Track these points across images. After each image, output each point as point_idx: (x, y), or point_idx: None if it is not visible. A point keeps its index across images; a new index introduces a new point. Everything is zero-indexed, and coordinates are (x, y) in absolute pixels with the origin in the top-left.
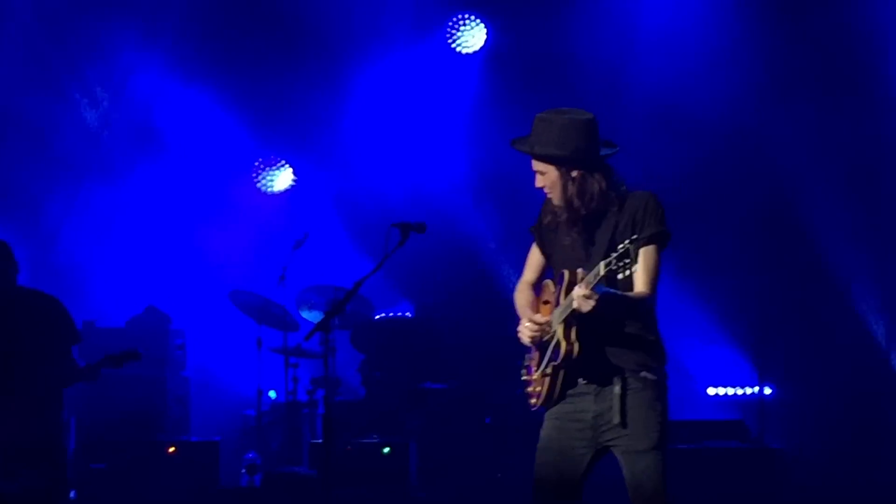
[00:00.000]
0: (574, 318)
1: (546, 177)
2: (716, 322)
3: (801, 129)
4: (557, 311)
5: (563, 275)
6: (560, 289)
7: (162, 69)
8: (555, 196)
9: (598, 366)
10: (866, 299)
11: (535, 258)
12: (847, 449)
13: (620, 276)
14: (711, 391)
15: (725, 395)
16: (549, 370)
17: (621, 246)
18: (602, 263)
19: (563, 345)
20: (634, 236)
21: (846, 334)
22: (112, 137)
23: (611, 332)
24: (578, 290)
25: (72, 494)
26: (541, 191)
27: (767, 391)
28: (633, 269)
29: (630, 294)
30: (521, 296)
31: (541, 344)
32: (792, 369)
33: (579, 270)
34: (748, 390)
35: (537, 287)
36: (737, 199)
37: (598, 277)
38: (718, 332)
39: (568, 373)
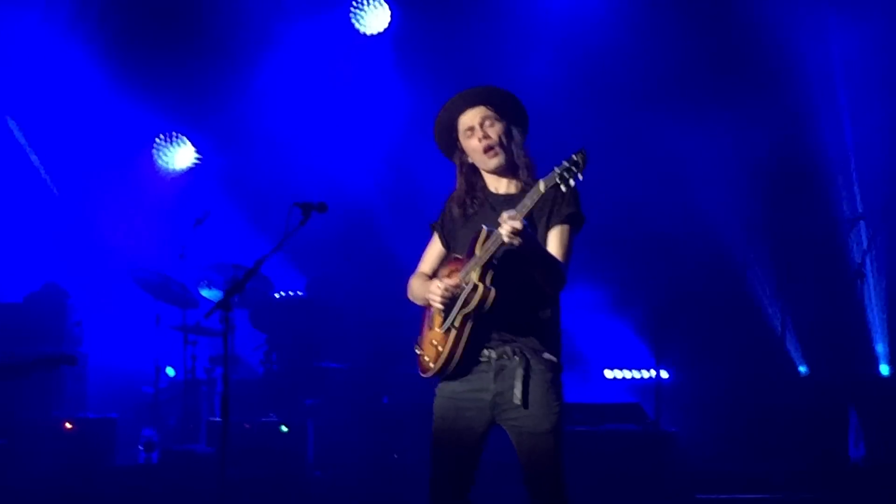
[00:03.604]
0: (491, 265)
1: (494, 128)
2: (613, 306)
3: (699, 117)
4: (472, 261)
5: (478, 231)
6: (475, 245)
7: (62, 44)
8: (500, 149)
9: (503, 336)
10: (762, 285)
11: (433, 252)
12: (742, 433)
13: (563, 187)
14: (609, 374)
15: (623, 378)
16: (456, 322)
17: (566, 161)
18: (541, 181)
19: (480, 288)
20: (578, 153)
21: (742, 319)
22: (9, 111)
23: (523, 294)
24: (510, 221)
25: None
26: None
27: (664, 375)
28: (579, 177)
29: (549, 252)
30: (418, 281)
31: (448, 307)
32: (688, 353)
33: (508, 211)
34: (645, 374)
35: (433, 278)
36: (635, 185)
37: (536, 199)
38: (616, 316)
39: (475, 332)
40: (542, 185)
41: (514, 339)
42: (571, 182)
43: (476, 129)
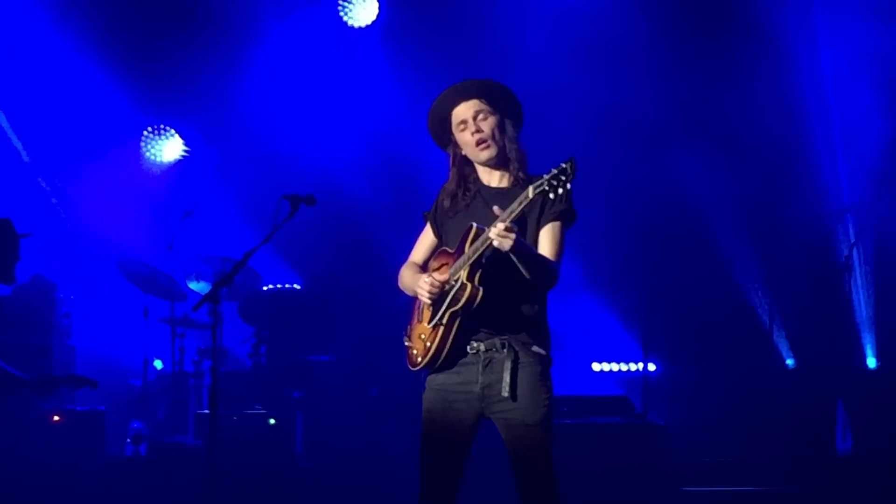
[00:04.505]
0: (480, 264)
1: (487, 122)
2: (601, 298)
3: (685, 111)
4: (461, 259)
5: (469, 228)
6: (464, 241)
7: (51, 35)
8: (493, 142)
9: (491, 328)
10: (749, 278)
11: (425, 242)
12: (729, 425)
13: (552, 195)
14: (596, 367)
15: (610, 370)
16: (444, 319)
17: (555, 168)
18: (531, 187)
19: (468, 287)
20: (567, 161)
21: (729, 312)
22: None
23: (511, 291)
24: (498, 225)
25: None
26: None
27: (652, 367)
28: (568, 187)
29: (540, 253)
30: (409, 271)
31: (437, 302)
32: (676, 346)
33: (495, 207)
34: (633, 366)
35: (424, 268)
36: (623, 178)
37: (524, 203)
38: (604, 309)
39: (463, 327)
40: (530, 191)
41: (502, 332)
42: (560, 190)
43: (469, 123)
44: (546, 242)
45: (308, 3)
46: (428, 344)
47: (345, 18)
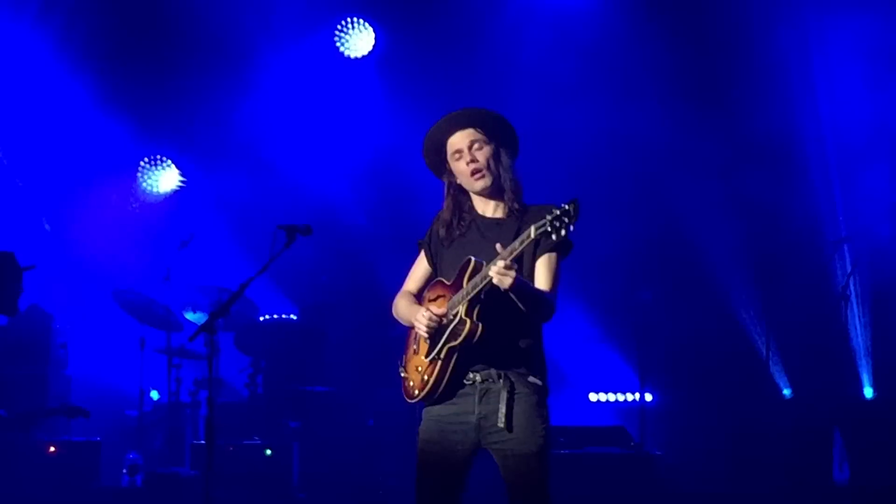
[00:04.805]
0: (479, 300)
1: (482, 151)
2: (598, 328)
3: (684, 140)
4: (459, 294)
5: (466, 261)
6: (462, 275)
7: (49, 63)
8: (487, 172)
9: (488, 360)
10: (746, 308)
11: (420, 270)
12: (726, 455)
13: (555, 236)
14: (593, 397)
15: (607, 401)
16: (442, 354)
17: (557, 209)
18: (533, 227)
19: (468, 323)
20: (570, 203)
21: (726, 342)
22: None
23: (508, 324)
24: (499, 263)
25: None
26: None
27: (648, 397)
28: (571, 228)
29: (539, 289)
30: (403, 301)
31: (434, 335)
32: (673, 376)
33: (497, 245)
34: (629, 397)
35: (418, 298)
36: (620, 208)
37: (525, 242)
38: (601, 339)
39: (460, 361)
40: (532, 231)
41: (499, 363)
42: (562, 232)
43: (464, 152)
44: (542, 273)
45: (305, 33)
46: (425, 377)
47: (341, 49)
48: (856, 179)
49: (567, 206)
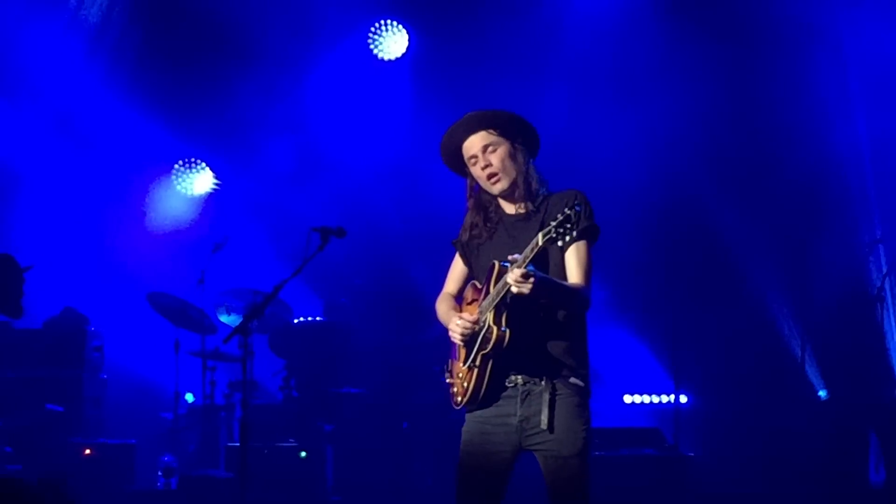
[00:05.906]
0: (505, 305)
1: (496, 154)
2: (633, 330)
3: (716, 143)
4: (487, 300)
5: (492, 266)
6: (490, 280)
7: (82, 67)
8: (504, 175)
9: (526, 363)
10: (781, 309)
11: (457, 270)
12: (761, 457)
13: (560, 242)
14: (628, 399)
15: (642, 402)
16: (477, 361)
17: (561, 214)
18: (540, 234)
19: (495, 331)
20: (574, 205)
21: (761, 343)
22: (30, 134)
23: (543, 324)
24: (514, 272)
25: None
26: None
27: (683, 399)
28: (574, 234)
29: (566, 283)
30: (444, 304)
31: (469, 342)
32: (708, 378)
33: (513, 256)
34: (664, 398)
35: (459, 299)
36: (653, 208)
37: (536, 250)
38: (635, 340)
39: (496, 365)
40: (540, 238)
41: (540, 364)
42: (567, 238)
43: (479, 157)
44: (573, 264)
45: (339, 36)
46: (465, 384)
47: (375, 51)
48: (891, 180)
49: (568, 212)
